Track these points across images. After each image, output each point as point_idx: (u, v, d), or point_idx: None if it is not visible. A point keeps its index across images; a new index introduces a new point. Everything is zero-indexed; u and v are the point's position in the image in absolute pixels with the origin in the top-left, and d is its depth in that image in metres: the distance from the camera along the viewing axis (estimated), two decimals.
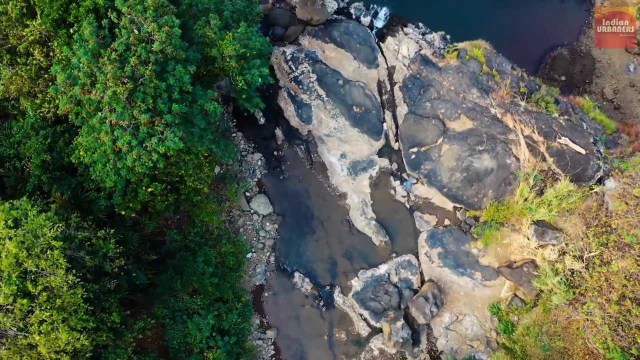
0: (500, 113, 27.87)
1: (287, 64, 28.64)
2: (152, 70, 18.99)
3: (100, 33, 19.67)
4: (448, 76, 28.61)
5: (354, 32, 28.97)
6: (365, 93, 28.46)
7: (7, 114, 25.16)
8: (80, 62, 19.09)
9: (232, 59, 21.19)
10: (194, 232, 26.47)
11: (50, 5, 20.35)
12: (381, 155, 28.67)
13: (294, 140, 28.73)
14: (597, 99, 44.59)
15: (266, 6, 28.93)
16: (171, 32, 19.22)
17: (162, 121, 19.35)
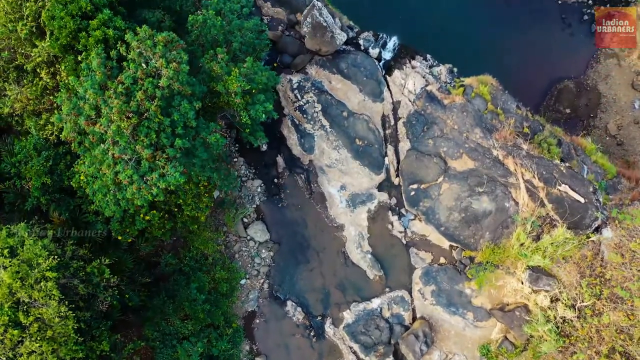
0: (502, 155, 27.90)
1: (292, 92, 28.68)
2: (157, 105, 19.04)
3: (108, 64, 19.71)
4: (452, 115, 28.65)
5: (362, 64, 29.01)
6: (368, 127, 28.51)
7: (11, 129, 25.23)
8: (86, 94, 19.12)
9: (237, 96, 21.24)
10: (189, 256, 26.53)
11: (59, 31, 20.37)
12: (381, 190, 28.70)
13: (294, 168, 28.77)
14: (601, 134, 44.71)
15: (275, 33, 28.94)
16: (179, 68, 19.25)
17: (164, 155, 19.39)
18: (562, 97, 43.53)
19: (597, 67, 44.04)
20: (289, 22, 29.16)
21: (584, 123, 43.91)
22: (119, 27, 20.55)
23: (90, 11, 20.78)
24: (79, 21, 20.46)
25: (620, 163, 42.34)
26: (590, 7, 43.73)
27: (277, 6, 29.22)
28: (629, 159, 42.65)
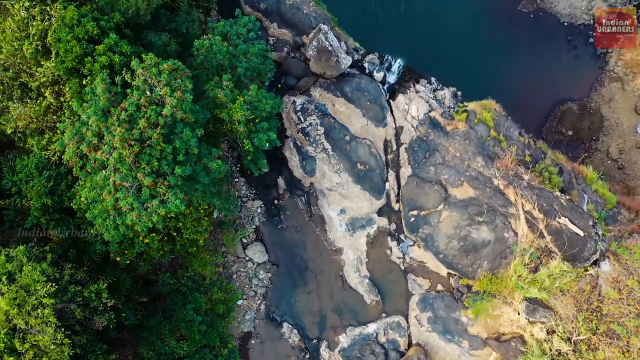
0: (503, 185, 27.90)
1: (296, 114, 28.70)
2: (160, 133, 19.05)
3: (113, 89, 19.73)
4: (454, 142, 28.66)
5: (366, 89, 29.02)
6: (370, 151, 28.52)
7: (13, 145, 25.24)
8: (89, 120, 19.14)
9: (241, 124, 21.27)
10: (187, 275, 26.54)
11: (65, 54, 20.40)
12: (381, 214, 28.71)
13: (295, 190, 28.79)
14: (602, 157, 44.74)
15: (281, 54, 28.97)
16: (183, 97, 19.29)
17: (165, 183, 19.41)
18: (564, 119, 43.60)
19: (601, 90, 44.10)
20: (295, 44, 29.17)
21: (585, 146, 43.98)
22: (125, 53, 20.56)
23: (97, 35, 20.83)
24: (85, 45, 20.49)
25: (621, 187, 42.38)
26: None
27: (283, 27, 29.21)
28: (629, 184, 42.68)
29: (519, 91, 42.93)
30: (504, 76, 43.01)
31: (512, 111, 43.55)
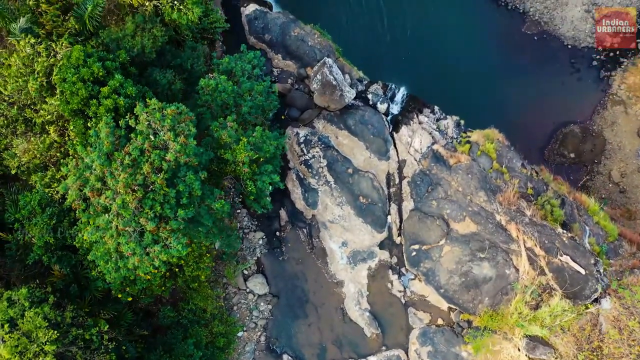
0: (505, 220, 27.90)
1: (299, 146, 28.71)
2: (163, 178, 19.07)
3: (117, 133, 19.76)
4: (457, 176, 28.66)
5: (369, 121, 29.03)
6: (373, 185, 28.54)
7: (17, 177, 25.24)
8: (93, 164, 19.15)
9: (245, 165, 21.28)
10: (187, 308, 26.53)
11: (71, 96, 20.42)
12: (382, 248, 28.71)
13: (297, 222, 28.80)
14: (604, 180, 44.69)
15: (285, 86, 29.00)
16: (186, 142, 19.31)
17: (167, 227, 19.42)
18: (567, 142, 43.59)
19: (604, 113, 44.11)
20: (299, 76, 29.20)
21: (587, 168, 43.96)
22: (130, 94, 20.58)
23: (102, 76, 20.84)
24: (91, 87, 20.51)
25: (622, 211, 42.36)
26: (600, 52, 43.80)
27: (287, 59, 29.23)
28: (631, 208, 42.63)
29: (521, 113, 42.95)
30: (506, 98, 43.05)
31: (514, 133, 43.61)
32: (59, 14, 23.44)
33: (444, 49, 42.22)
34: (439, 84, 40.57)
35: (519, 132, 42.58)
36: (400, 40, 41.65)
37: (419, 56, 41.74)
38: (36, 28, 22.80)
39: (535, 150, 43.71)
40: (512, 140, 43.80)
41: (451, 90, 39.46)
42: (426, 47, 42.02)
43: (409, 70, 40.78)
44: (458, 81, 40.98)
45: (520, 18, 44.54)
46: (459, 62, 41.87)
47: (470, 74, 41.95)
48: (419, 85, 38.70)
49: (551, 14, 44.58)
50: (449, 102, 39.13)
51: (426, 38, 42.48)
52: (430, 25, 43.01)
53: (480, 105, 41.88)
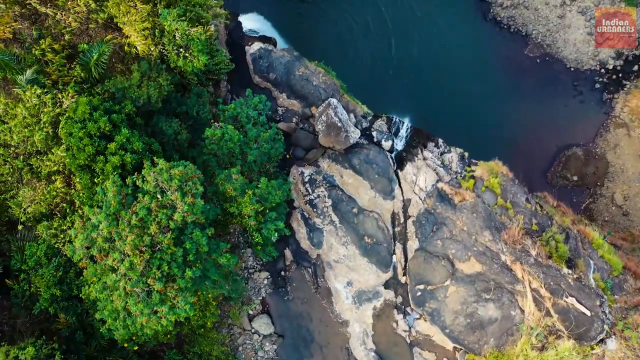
0: (510, 260, 27.88)
1: (304, 185, 28.70)
2: (170, 238, 19.04)
3: (123, 191, 19.72)
4: (462, 215, 28.63)
5: (374, 161, 29.01)
6: (378, 225, 28.52)
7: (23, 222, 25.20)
8: (100, 225, 19.11)
9: (251, 218, 21.25)
10: (193, 351, 26.51)
11: (78, 152, 20.39)
12: (387, 287, 28.70)
13: (302, 262, 28.79)
14: (607, 203, 44.69)
15: (290, 125, 28.97)
16: (194, 201, 19.27)
17: (175, 286, 19.39)
18: (570, 164, 43.60)
19: (607, 136, 44.13)
20: (304, 115, 29.17)
21: (590, 191, 43.98)
22: (137, 150, 20.55)
23: (109, 130, 20.81)
24: (97, 142, 20.47)
25: (625, 235, 42.33)
26: (602, 75, 43.86)
27: (292, 98, 29.20)
28: (633, 231, 42.63)
29: (524, 136, 43.03)
30: (509, 121, 43.13)
31: (517, 156, 43.83)
32: (65, 62, 23.39)
33: (446, 73, 42.33)
34: (442, 108, 40.70)
35: (522, 155, 42.71)
36: (403, 66, 41.70)
37: (422, 80, 41.86)
38: (42, 78, 22.76)
39: (538, 173, 43.79)
40: (515, 164, 43.80)
41: (454, 115, 39.60)
42: (429, 71, 42.14)
43: (413, 94, 40.85)
44: (461, 105, 41.10)
45: (522, 41, 44.63)
46: (461, 85, 41.96)
47: (472, 97, 42.05)
48: (422, 110, 38.85)
49: (554, 37, 44.63)
50: (452, 126, 39.28)
51: (429, 61, 42.58)
52: (432, 48, 43.09)
53: (483, 129, 41.99)
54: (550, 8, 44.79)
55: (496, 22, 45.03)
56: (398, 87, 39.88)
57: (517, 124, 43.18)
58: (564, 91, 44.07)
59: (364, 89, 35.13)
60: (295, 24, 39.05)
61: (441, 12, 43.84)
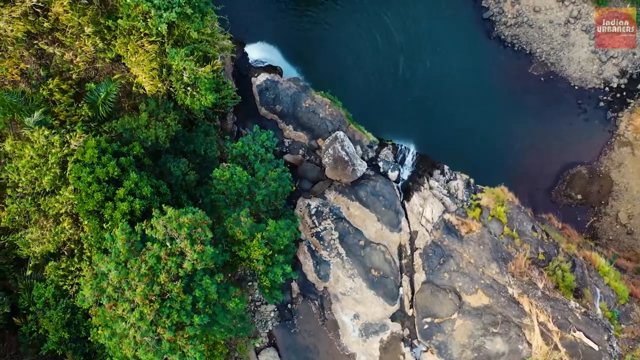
0: (518, 293, 27.83)
1: (310, 218, 28.66)
2: (180, 287, 19.00)
3: (132, 238, 19.66)
4: (469, 248, 28.59)
5: (381, 193, 28.96)
6: (385, 258, 28.47)
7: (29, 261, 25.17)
8: (110, 274, 19.07)
9: (259, 262, 21.20)
10: None
11: (87, 198, 20.35)
12: (394, 320, 28.64)
13: (309, 294, 28.74)
14: (611, 221, 44.62)
15: (296, 157, 28.92)
16: (203, 249, 19.22)
17: (185, 335, 19.33)
18: (574, 183, 43.56)
19: (611, 154, 44.11)
20: (310, 147, 29.12)
21: (594, 210, 43.94)
22: (145, 196, 20.51)
23: (118, 175, 20.76)
24: (106, 188, 20.43)
25: (630, 255, 42.29)
26: (607, 93, 43.83)
27: (299, 130, 29.16)
28: (638, 250, 42.59)
29: (529, 154, 42.97)
30: (514, 139, 43.09)
31: (522, 175, 43.79)
32: (72, 102, 23.36)
33: (450, 92, 42.29)
34: (446, 126, 40.65)
35: (526, 173, 42.69)
36: (408, 86, 41.63)
37: (426, 99, 41.78)
38: (49, 118, 22.72)
39: (542, 191, 43.72)
40: (520, 183, 43.91)
41: (458, 133, 39.60)
42: (433, 90, 42.06)
43: (417, 113, 40.78)
44: (464, 124, 41.10)
45: (526, 59, 44.55)
46: (464, 104, 41.95)
47: (476, 116, 42.04)
48: (426, 129, 38.80)
49: (558, 55, 44.56)
50: (457, 146, 39.25)
51: (433, 81, 42.51)
52: (436, 68, 43.04)
53: (487, 148, 41.97)
54: (555, 26, 44.70)
55: (500, 41, 44.96)
56: (402, 106, 39.82)
57: (522, 143, 43.16)
58: (568, 109, 44.01)
59: (369, 109, 35.13)
60: (303, 47, 38.79)
61: (446, 31, 43.75)
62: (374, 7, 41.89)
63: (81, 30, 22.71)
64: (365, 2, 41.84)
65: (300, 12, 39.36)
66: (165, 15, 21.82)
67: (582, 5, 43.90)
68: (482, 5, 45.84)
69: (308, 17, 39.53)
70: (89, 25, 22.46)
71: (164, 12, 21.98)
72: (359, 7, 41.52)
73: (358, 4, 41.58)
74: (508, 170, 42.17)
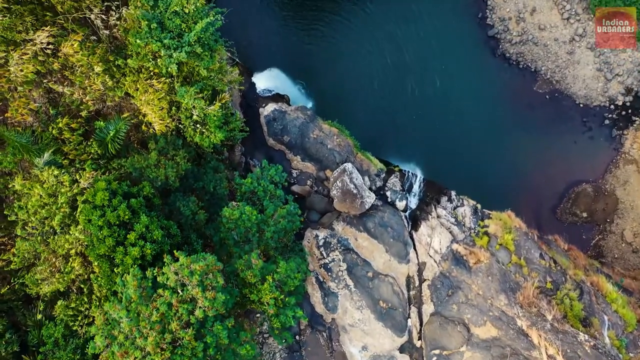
0: (527, 325, 27.77)
1: (318, 249, 28.60)
2: (191, 334, 18.94)
3: (143, 284, 19.61)
4: (478, 279, 28.54)
5: (389, 224, 28.90)
6: (393, 289, 28.42)
7: (38, 296, 25.13)
8: (121, 322, 19.02)
9: (270, 306, 21.14)
10: None
11: (98, 243, 20.30)
12: (402, 351, 28.59)
13: (317, 326, 28.69)
14: (617, 239, 44.57)
15: (304, 188, 28.86)
16: (215, 296, 19.16)
17: None
18: (579, 201, 43.53)
19: (616, 172, 44.05)
20: (318, 178, 29.05)
21: (600, 228, 43.90)
22: (156, 240, 20.45)
23: (128, 218, 20.70)
24: (117, 232, 20.37)
25: (636, 273, 42.26)
26: (612, 111, 43.79)
27: (306, 161, 29.09)
28: None
29: (534, 172, 42.95)
30: (519, 157, 43.08)
31: (527, 194, 43.74)
32: (81, 140, 23.31)
33: (454, 111, 42.27)
34: (451, 146, 40.62)
35: (531, 191, 42.67)
36: (413, 107, 41.58)
37: (431, 120, 41.75)
38: (59, 157, 22.66)
39: (547, 209, 43.70)
40: (525, 201, 43.89)
41: (463, 153, 39.55)
42: (437, 109, 42.02)
43: (423, 134, 40.74)
44: (469, 142, 41.08)
45: (531, 77, 44.52)
46: (469, 123, 41.95)
47: (480, 135, 42.04)
48: (432, 147, 38.73)
49: (563, 73, 44.53)
50: (462, 165, 39.21)
51: (437, 100, 42.49)
52: (442, 86, 43.01)
53: (492, 167, 41.97)
54: (560, 44, 44.66)
55: (505, 58, 44.96)
56: (408, 124, 39.79)
57: (527, 161, 43.15)
58: (573, 127, 44.01)
59: (374, 127, 35.07)
60: (310, 65, 38.66)
61: (451, 48, 43.67)
62: (376, 26, 41.95)
63: (90, 68, 22.64)
64: (369, 23, 41.86)
65: (307, 28, 39.39)
66: (175, 56, 21.75)
67: (587, 23, 43.85)
68: (487, 22, 45.83)
69: (316, 32, 39.58)
70: (98, 64, 22.39)
71: (173, 51, 21.91)
72: (362, 26, 41.56)
73: (364, 22, 41.61)
74: (513, 189, 42.16)
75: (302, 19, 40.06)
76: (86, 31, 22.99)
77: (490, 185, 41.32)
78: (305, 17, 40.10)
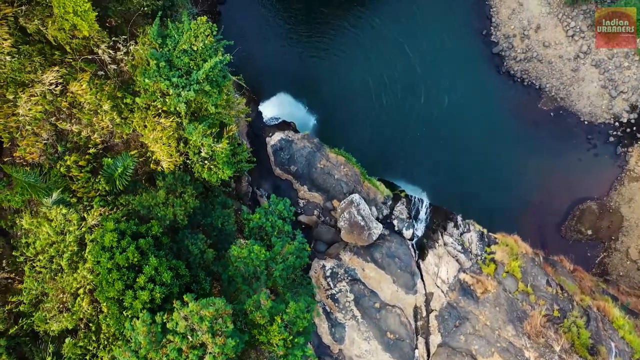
0: (534, 357, 27.73)
1: (325, 280, 28.56)
2: None
3: (153, 329, 19.54)
4: (485, 310, 28.48)
5: (396, 254, 28.86)
6: (400, 320, 28.37)
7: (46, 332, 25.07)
8: None
9: (279, 347, 21.08)
10: None
11: (107, 286, 20.25)
12: None
13: (324, 356, 28.62)
14: (622, 257, 44.55)
15: (311, 218, 28.81)
16: (224, 342, 19.09)
17: None
18: (584, 218, 43.51)
19: (621, 190, 44.02)
20: (325, 208, 29.01)
21: (605, 245, 43.86)
22: (165, 282, 20.40)
23: (137, 260, 20.65)
24: (126, 275, 20.31)
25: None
26: (617, 128, 43.77)
27: (313, 191, 29.04)
28: None
29: (538, 190, 42.97)
30: (523, 175, 43.10)
31: (532, 211, 43.70)
32: (89, 177, 23.25)
33: (459, 129, 42.27)
34: (456, 165, 40.63)
35: (536, 209, 42.66)
36: (420, 125, 41.56)
37: (435, 139, 41.73)
38: (66, 195, 22.60)
39: (552, 227, 43.67)
40: (530, 219, 43.80)
41: (469, 172, 39.57)
42: (443, 129, 42.00)
43: (428, 154, 40.73)
44: (474, 160, 41.10)
45: (536, 94, 44.56)
46: (473, 140, 42.00)
47: (485, 152, 42.07)
48: (437, 170, 38.71)
49: (567, 90, 44.51)
50: (467, 183, 39.19)
51: (441, 119, 42.48)
52: (446, 103, 43.00)
53: (497, 185, 41.95)
54: (564, 61, 44.65)
55: (509, 76, 45.01)
56: (413, 143, 39.80)
57: (532, 178, 43.15)
58: (578, 144, 44.04)
59: (382, 150, 35.05)
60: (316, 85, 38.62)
61: (456, 65, 43.62)
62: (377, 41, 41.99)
63: (98, 106, 22.58)
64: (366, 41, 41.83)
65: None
66: (184, 95, 21.69)
67: (591, 40, 43.82)
68: (492, 40, 45.84)
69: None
70: (107, 102, 22.33)
71: (182, 90, 21.84)
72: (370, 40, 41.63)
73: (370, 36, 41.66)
74: (518, 206, 42.15)
75: (308, 37, 40.10)
76: (94, 67, 22.94)
77: (496, 202, 41.30)
78: (310, 34, 40.13)
